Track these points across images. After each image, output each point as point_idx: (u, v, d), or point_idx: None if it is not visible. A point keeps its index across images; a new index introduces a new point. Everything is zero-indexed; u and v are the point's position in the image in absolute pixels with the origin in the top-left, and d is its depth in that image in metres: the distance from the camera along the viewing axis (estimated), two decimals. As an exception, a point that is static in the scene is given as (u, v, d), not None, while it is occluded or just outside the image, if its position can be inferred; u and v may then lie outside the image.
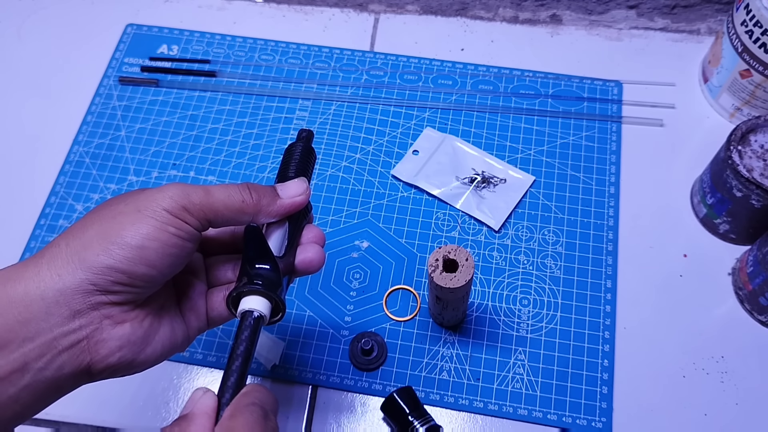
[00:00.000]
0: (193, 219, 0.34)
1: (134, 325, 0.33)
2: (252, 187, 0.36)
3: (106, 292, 0.32)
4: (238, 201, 0.35)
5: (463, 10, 0.73)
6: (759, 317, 0.54)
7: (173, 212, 0.33)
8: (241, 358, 0.33)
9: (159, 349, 0.35)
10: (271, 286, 0.36)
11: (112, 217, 0.33)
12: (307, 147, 0.42)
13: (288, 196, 0.37)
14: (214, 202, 0.34)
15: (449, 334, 0.54)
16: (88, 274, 0.31)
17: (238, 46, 0.72)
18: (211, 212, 0.34)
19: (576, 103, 0.66)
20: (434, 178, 0.62)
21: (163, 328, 0.35)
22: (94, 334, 0.32)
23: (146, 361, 0.34)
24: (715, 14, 0.70)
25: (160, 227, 0.32)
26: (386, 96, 0.68)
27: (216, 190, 0.35)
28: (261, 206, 0.36)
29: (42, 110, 0.68)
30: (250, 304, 0.35)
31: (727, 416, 0.51)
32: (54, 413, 0.52)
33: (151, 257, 0.32)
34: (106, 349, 0.32)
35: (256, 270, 0.36)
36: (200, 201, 0.34)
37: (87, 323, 0.31)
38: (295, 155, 0.41)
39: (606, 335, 0.54)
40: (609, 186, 0.61)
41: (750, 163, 0.53)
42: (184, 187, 0.34)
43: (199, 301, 0.38)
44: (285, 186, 0.38)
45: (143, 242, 0.32)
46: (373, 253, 0.58)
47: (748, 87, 0.60)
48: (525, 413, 0.51)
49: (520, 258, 0.58)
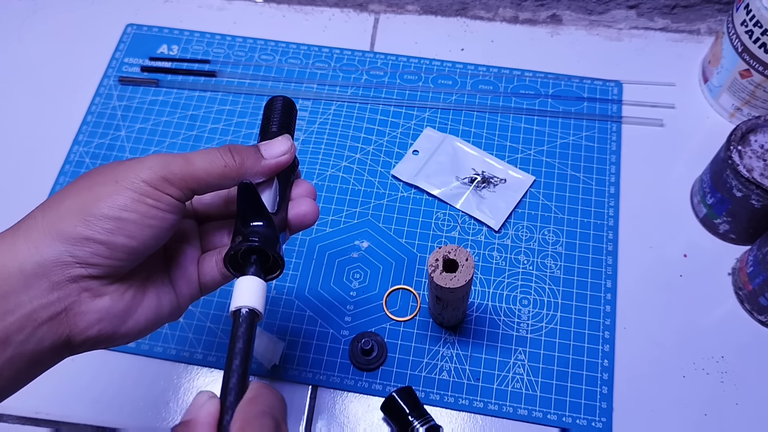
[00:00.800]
0: (174, 189, 0.33)
1: (114, 298, 0.33)
2: (234, 150, 0.35)
3: (86, 264, 0.31)
4: (220, 166, 0.34)
5: (463, 10, 0.73)
6: (759, 317, 0.54)
7: (152, 183, 0.32)
8: (240, 355, 0.32)
9: (142, 321, 0.34)
10: (267, 243, 0.35)
11: (89, 188, 0.32)
12: (288, 101, 0.41)
13: (272, 156, 0.36)
14: (195, 170, 0.34)
15: (449, 334, 0.54)
16: (66, 246, 0.31)
17: (238, 46, 0.72)
18: (193, 181, 0.34)
19: (576, 103, 0.66)
20: (434, 178, 0.62)
21: (147, 300, 0.35)
22: (72, 306, 0.31)
23: (128, 334, 0.34)
24: (715, 14, 0.70)
25: (137, 198, 0.32)
26: (386, 96, 0.68)
27: (196, 157, 0.34)
28: (245, 169, 0.35)
29: (42, 110, 0.68)
30: (240, 300, 0.34)
31: (727, 416, 0.51)
32: (54, 413, 0.52)
33: (129, 228, 0.32)
34: (84, 322, 0.32)
35: (251, 228, 0.35)
36: (180, 171, 0.33)
37: (65, 295, 0.31)
38: (276, 110, 0.40)
39: (606, 335, 0.54)
40: (609, 186, 0.61)
41: (750, 163, 0.53)
42: (164, 157, 0.33)
43: (190, 268, 0.38)
44: (268, 145, 0.37)
45: (120, 213, 0.31)
46: (373, 253, 0.58)
47: (748, 87, 0.60)
48: (525, 413, 0.51)
49: (520, 258, 0.58)
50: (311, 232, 0.60)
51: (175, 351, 0.54)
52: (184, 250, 0.38)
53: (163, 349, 0.55)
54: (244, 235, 0.35)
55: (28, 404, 0.53)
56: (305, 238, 0.59)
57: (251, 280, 0.35)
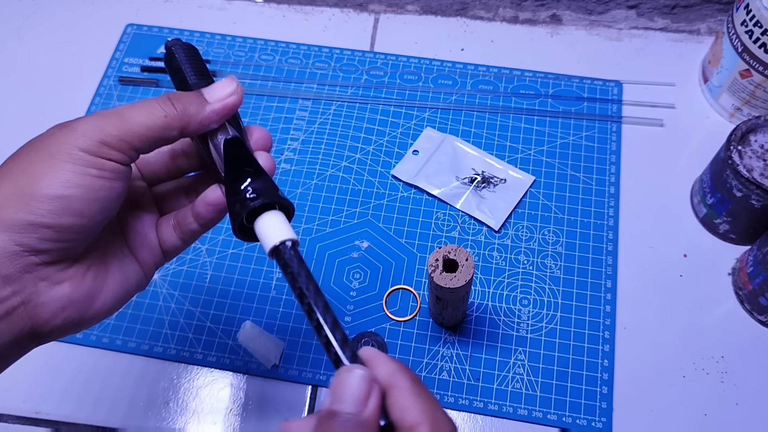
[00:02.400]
0: (116, 153, 0.30)
1: (75, 283, 0.30)
2: (173, 97, 0.32)
3: (35, 251, 0.29)
4: (161, 117, 0.31)
5: (463, 10, 0.73)
6: (759, 317, 0.54)
7: (91, 151, 0.29)
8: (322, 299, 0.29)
9: (110, 300, 0.32)
10: (271, 194, 0.31)
11: (24, 169, 0.29)
12: (187, 46, 0.36)
13: (217, 99, 0.33)
14: (134, 126, 0.30)
15: (449, 334, 0.54)
16: (11, 235, 0.28)
17: (238, 46, 0.72)
18: (134, 138, 0.30)
19: (576, 103, 0.66)
20: (434, 178, 0.62)
21: (111, 277, 0.33)
22: (31, 298, 0.29)
23: (98, 315, 0.32)
24: (715, 14, 0.70)
25: (80, 171, 0.29)
26: (386, 96, 0.68)
27: (132, 111, 0.31)
28: (188, 116, 0.32)
29: (42, 110, 0.68)
30: (273, 237, 0.30)
31: (727, 416, 0.51)
32: (54, 413, 0.52)
33: (76, 206, 0.29)
34: (47, 313, 0.30)
35: (247, 186, 0.31)
36: (118, 131, 0.30)
37: (20, 288, 0.29)
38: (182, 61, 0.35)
39: (606, 335, 0.54)
40: (609, 186, 0.61)
41: (750, 163, 0.53)
42: (97, 117, 0.30)
43: (149, 235, 0.35)
44: (211, 88, 0.33)
45: (64, 191, 0.28)
46: (373, 253, 0.58)
47: (748, 87, 0.60)
48: (525, 413, 0.51)
49: (520, 258, 0.58)
50: (311, 232, 0.60)
51: (175, 351, 0.54)
52: (139, 216, 0.35)
53: (163, 349, 0.55)
54: (243, 198, 0.31)
55: (28, 404, 0.53)
56: (305, 238, 0.59)
57: (273, 215, 0.31)
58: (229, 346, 0.55)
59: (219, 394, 0.53)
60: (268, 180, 0.32)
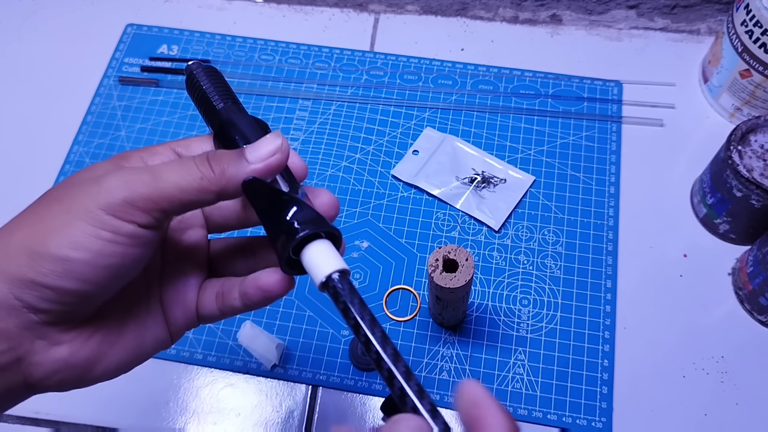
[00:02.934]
0: (141, 214, 0.27)
1: (74, 346, 0.28)
2: (212, 157, 0.28)
3: (34, 309, 0.26)
4: (197, 179, 0.28)
5: (463, 10, 0.73)
6: (759, 317, 0.54)
7: (112, 210, 0.26)
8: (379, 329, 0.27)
9: (114, 365, 0.30)
10: (315, 223, 0.28)
11: (39, 220, 0.27)
12: (208, 68, 0.34)
13: (260, 159, 0.29)
14: (166, 186, 0.27)
15: (449, 334, 0.54)
16: (11, 288, 0.26)
17: (238, 46, 0.72)
18: (164, 201, 0.27)
19: (576, 103, 0.66)
20: (434, 178, 0.62)
21: (123, 340, 0.30)
22: (26, 356, 0.27)
23: (98, 379, 0.30)
24: (715, 14, 0.70)
25: (91, 233, 0.26)
26: (386, 96, 0.68)
27: (166, 170, 0.28)
28: (226, 179, 0.28)
29: (42, 110, 0.68)
30: (322, 270, 0.28)
31: (727, 416, 0.51)
32: (54, 413, 0.52)
33: (79, 270, 0.26)
34: (41, 373, 0.28)
35: (288, 219, 0.28)
36: (147, 190, 0.27)
37: (17, 345, 0.27)
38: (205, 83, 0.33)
39: (606, 335, 0.54)
40: (609, 186, 0.61)
41: (750, 163, 0.53)
42: (126, 174, 0.27)
43: (189, 294, 0.32)
44: (254, 147, 0.29)
45: (69, 252, 0.26)
46: (373, 253, 0.58)
47: (748, 87, 0.60)
48: (525, 413, 0.51)
49: (520, 258, 0.58)
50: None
51: (175, 351, 0.54)
52: (185, 272, 0.32)
53: (163, 349, 0.55)
54: (287, 229, 0.28)
55: (28, 404, 0.53)
56: (305, 238, 0.59)
57: (321, 244, 0.29)
58: (229, 346, 0.55)
59: (219, 394, 0.53)
60: (310, 208, 0.29)
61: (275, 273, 0.31)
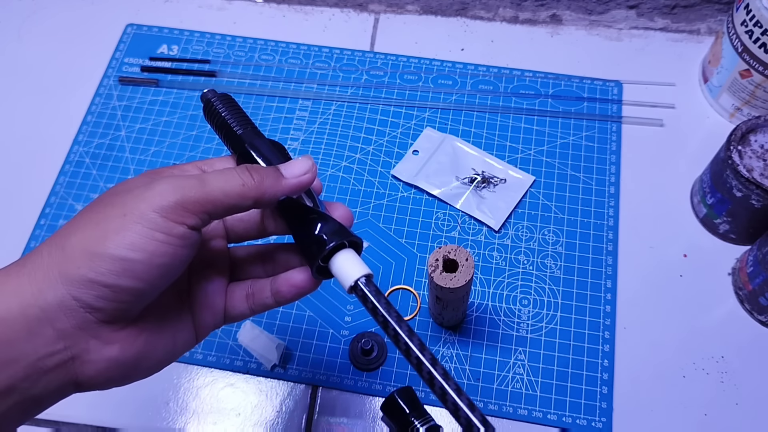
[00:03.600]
0: (191, 216, 0.30)
1: (125, 346, 0.30)
2: (252, 169, 0.33)
3: (91, 308, 0.29)
4: (238, 185, 0.31)
5: (463, 10, 0.73)
6: (759, 317, 0.54)
7: (164, 213, 0.29)
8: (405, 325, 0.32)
9: (153, 364, 0.33)
10: (340, 234, 0.33)
11: (96, 223, 0.29)
12: (223, 96, 0.37)
13: (293, 175, 0.33)
14: (212, 191, 0.31)
15: (449, 334, 0.54)
16: (69, 288, 0.28)
17: (238, 46, 0.72)
18: (209, 204, 0.31)
19: (576, 103, 0.66)
20: (434, 178, 0.62)
21: (162, 342, 0.33)
22: (80, 354, 0.29)
23: (138, 377, 0.32)
24: (715, 14, 0.70)
25: (147, 234, 0.29)
26: (386, 96, 0.68)
27: (212, 177, 0.31)
28: (264, 188, 0.32)
29: (42, 110, 0.68)
30: (350, 276, 0.32)
31: (727, 416, 0.51)
32: (54, 413, 0.52)
33: (136, 269, 0.29)
34: (92, 371, 0.30)
35: (316, 233, 0.33)
36: (196, 193, 0.30)
37: (72, 344, 0.29)
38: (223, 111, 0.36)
39: (606, 335, 0.54)
40: (609, 186, 0.61)
41: (750, 163, 0.53)
42: (177, 180, 0.30)
43: (217, 298, 0.36)
44: (289, 165, 0.34)
45: (127, 253, 0.28)
46: (373, 253, 0.58)
47: (748, 87, 0.60)
48: (525, 413, 0.51)
49: (520, 258, 0.58)
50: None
51: (175, 351, 0.54)
52: (211, 278, 0.36)
53: (163, 349, 0.55)
54: (317, 240, 0.33)
55: (28, 404, 0.53)
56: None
57: (347, 253, 0.33)
58: (229, 346, 0.55)
59: (219, 394, 0.53)
60: (334, 221, 0.34)
61: (305, 272, 0.35)
